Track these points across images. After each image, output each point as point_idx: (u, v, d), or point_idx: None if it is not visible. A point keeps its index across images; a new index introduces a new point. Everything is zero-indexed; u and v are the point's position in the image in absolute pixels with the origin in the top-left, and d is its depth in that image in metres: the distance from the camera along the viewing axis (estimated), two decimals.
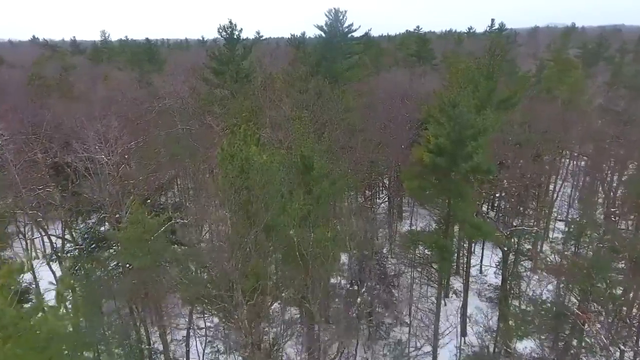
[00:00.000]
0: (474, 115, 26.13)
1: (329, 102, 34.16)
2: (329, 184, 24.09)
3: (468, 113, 25.90)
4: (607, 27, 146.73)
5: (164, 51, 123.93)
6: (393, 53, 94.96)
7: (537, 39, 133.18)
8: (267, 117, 31.15)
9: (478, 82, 32.94)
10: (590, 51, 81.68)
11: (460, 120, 25.90)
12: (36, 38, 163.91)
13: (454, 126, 26.17)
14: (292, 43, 60.14)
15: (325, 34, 41.99)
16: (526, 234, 34.39)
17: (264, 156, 18.21)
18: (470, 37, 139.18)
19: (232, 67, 44.63)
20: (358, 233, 20.10)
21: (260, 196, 18.91)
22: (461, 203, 26.08)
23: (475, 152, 25.12)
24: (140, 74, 73.57)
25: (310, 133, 24.30)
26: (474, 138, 25.88)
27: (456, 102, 25.61)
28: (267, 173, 18.90)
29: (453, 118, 26.10)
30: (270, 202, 19.28)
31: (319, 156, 24.17)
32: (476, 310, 38.42)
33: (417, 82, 58.05)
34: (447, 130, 26.77)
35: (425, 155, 25.59)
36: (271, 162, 19.08)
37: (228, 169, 19.07)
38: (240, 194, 18.99)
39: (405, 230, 51.63)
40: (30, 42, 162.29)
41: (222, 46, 46.29)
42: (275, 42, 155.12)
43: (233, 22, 45.34)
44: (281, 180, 19.92)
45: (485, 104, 31.82)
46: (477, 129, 25.54)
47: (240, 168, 18.70)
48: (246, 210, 19.27)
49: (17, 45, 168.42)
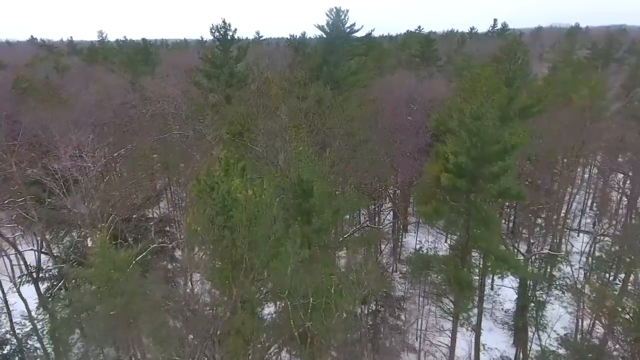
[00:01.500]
0: (499, 128, 22.10)
1: (330, 110, 30.09)
2: (331, 213, 19.99)
3: (494, 127, 21.85)
4: (611, 27, 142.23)
5: (162, 52, 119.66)
6: (396, 54, 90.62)
7: (542, 39, 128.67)
8: (262, 127, 27.02)
9: (498, 89, 28.88)
10: (600, 52, 77.36)
11: (484, 135, 21.83)
12: (34, 38, 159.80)
13: (475, 142, 22.10)
14: (291, 44, 56.05)
15: (326, 35, 37.96)
16: (551, 258, 30.34)
17: (250, 190, 14.12)
18: (472, 38, 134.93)
19: (225, 70, 40.51)
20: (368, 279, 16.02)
21: (246, 239, 14.84)
22: (485, 232, 22.06)
23: (504, 173, 21.09)
24: (133, 76, 69.37)
25: (309, 153, 20.19)
26: (500, 156, 21.84)
27: (479, 114, 21.53)
28: (254, 210, 14.82)
29: (475, 132, 22.04)
30: (259, 246, 15.20)
31: (320, 179, 20.07)
32: (490, 336, 34.58)
33: (423, 85, 53.96)
34: (467, 145, 22.69)
35: (444, 177, 21.55)
36: (260, 195, 14.98)
37: (206, 204, 15.00)
38: (222, 235, 14.95)
39: (411, 246, 47.75)
40: (28, 42, 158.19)
41: (215, 48, 42.19)
42: (275, 42, 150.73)
43: (227, 22, 41.20)
44: (273, 218, 15.81)
45: (506, 114, 27.82)
46: (504, 146, 21.49)
47: (222, 204, 14.61)
48: (229, 256, 15.19)
49: (14, 45, 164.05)
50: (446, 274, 26.19)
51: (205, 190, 15.01)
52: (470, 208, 23.16)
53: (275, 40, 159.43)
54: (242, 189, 13.92)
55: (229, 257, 15.19)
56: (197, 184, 14.85)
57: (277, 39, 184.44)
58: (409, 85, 51.19)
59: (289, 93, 32.93)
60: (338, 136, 27.43)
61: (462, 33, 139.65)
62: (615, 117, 52.34)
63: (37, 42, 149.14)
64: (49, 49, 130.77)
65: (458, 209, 23.38)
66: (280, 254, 15.61)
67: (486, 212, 22.27)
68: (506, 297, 39.06)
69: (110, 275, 19.69)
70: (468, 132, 22.47)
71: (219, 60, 41.33)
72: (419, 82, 54.91)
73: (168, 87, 51.63)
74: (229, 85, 40.18)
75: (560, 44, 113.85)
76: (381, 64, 67.02)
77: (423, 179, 26.40)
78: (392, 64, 75.07)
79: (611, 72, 71.04)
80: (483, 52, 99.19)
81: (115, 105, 52.94)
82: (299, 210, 20.44)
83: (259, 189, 15.00)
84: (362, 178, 34.01)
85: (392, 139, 36.07)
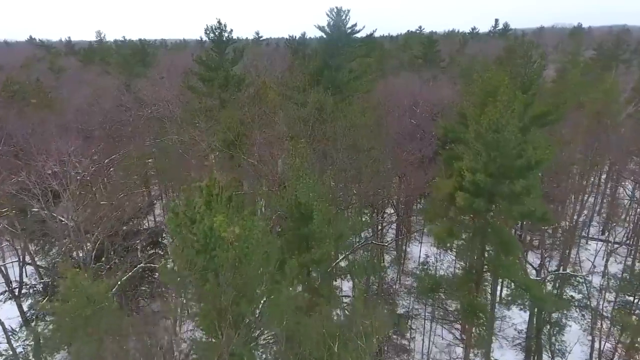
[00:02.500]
0: (522, 142, 19.55)
1: (332, 118, 27.51)
2: (333, 239, 17.40)
3: (516, 140, 19.29)
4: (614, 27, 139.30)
5: (161, 52, 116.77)
6: (397, 55, 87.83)
7: (544, 40, 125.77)
8: (257, 136, 24.42)
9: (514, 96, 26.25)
10: (606, 53, 74.58)
11: (504, 150, 19.25)
12: (33, 38, 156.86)
13: (494, 157, 19.53)
14: (290, 45, 53.33)
15: (326, 35, 35.34)
16: (570, 278, 27.78)
17: (237, 228, 11.53)
18: (474, 38, 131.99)
19: (220, 74, 37.83)
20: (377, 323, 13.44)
21: (233, 282, 12.30)
22: (504, 257, 19.51)
23: (527, 193, 18.55)
24: (129, 78, 66.65)
25: (308, 171, 17.58)
26: (523, 174, 19.27)
27: (499, 125, 18.95)
28: (243, 248, 12.26)
29: (494, 146, 19.46)
30: (249, 290, 12.66)
31: (321, 200, 17.47)
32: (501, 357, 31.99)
33: (427, 87, 51.36)
34: (484, 160, 20.11)
35: (460, 196, 18.98)
36: (250, 229, 12.40)
37: (185, 241, 12.41)
38: (205, 278, 12.39)
39: (415, 255, 45.14)
40: (27, 42, 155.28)
41: (210, 50, 39.50)
42: (275, 42, 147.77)
43: (222, 23, 38.47)
44: (266, 255, 13.24)
45: (523, 124, 25.18)
46: (527, 161, 18.94)
47: (204, 242, 12.01)
48: (214, 303, 12.61)
49: (13, 45, 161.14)
50: (458, 299, 23.68)
51: (184, 224, 12.41)
52: (487, 230, 20.62)
53: (275, 41, 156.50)
54: (227, 227, 11.32)
55: (213, 304, 12.58)
56: (174, 217, 12.24)
57: (277, 39, 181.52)
58: (412, 87, 48.64)
59: (287, 99, 30.31)
60: (340, 148, 24.82)
61: (463, 33, 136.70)
62: (625, 121, 49.87)
63: (35, 42, 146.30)
64: (46, 49, 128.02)
65: (473, 230, 20.85)
66: (275, 299, 13.03)
67: (506, 235, 19.71)
68: (517, 313, 36.53)
69: (81, 310, 17.15)
70: (486, 145, 19.90)
71: (214, 62, 38.66)
72: (423, 83, 52.35)
73: (162, 90, 49.03)
74: (225, 89, 37.52)
75: (564, 45, 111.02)
76: (383, 65, 64.32)
77: (434, 196, 23.76)
78: (394, 65, 72.37)
79: (619, 73, 68.46)
80: (486, 53, 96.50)
81: (108, 108, 50.24)
82: (296, 235, 17.87)
83: (249, 223, 12.40)
84: (366, 189, 31.46)
85: (397, 147, 33.51)
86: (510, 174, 19.51)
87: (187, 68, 43.80)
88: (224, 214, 11.35)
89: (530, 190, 18.51)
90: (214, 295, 12.47)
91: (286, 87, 31.85)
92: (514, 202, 18.71)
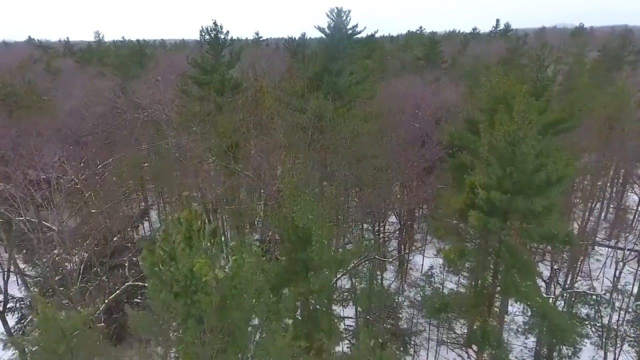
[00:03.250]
0: (542, 156, 17.71)
1: (332, 126, 25.66)
2: (334, 266, 15.55)
3: (535, 156, 17.44)
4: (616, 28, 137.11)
5: (159, 53, 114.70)
6: (399, 56, 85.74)
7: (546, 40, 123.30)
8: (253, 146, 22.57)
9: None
10: (611, 54, 72.56)
11: (522, 165, 17.40)
12: (32, 39, 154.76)
13: (511, 172, 17.68)
14: (290, 47, 51.19)
15: (327, 37, 33.43)
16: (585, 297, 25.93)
17: (220, 272, 9.68)
18: (475, 38, 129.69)
19: (216, 77, 35.95)
20: None
21: (217, 330, 10.45)
22: (521, 283, 17.67)
23: (548, 213, 16.72)
24: (125, 79, 64.70)
25: (306, 188, 15.74)
26: (543, 191, 17.42)
27: (516, 138, 17.10)
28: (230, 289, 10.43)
29: (510, 160, 17.62)
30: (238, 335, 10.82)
31: (320, 222, 15.63)
32: None
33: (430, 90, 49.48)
34: (498, 174, 18.26)
35: (473, 215, 17.14)
36: (239, 266, 10.55)
37: (163, 283, 10.55)
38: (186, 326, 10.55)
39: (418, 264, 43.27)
40: (26, 43, 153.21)
41: (206, 52, 37.59)
42: (275, 42, 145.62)
43: (218, 24, 36.58)
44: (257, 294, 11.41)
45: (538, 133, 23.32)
46: (547, 178, 17.09)
47: (184, 284, 10.16)
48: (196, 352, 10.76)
49: (12, 46, 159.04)
50: (468, 321, 21.89)
51: (162, 261, 10.55)
52: (501, 250, 18.79)
53: (275, 41, 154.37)
54: (209, 270, 9.47)
55: (196, 354, 10.72)
56: (149, 254, 10.40)
57: (277, 39, 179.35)
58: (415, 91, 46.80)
59: (285, 105, 28.41)
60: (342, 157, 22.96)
61: (464, 33, 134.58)
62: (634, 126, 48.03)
63: (35, 42, 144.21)
64: (44, 50, 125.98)
65: (486, 250, 19.02)
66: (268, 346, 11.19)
67: (523, 257, 17.88)
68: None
69: (54, 345, 15.33)
70: (500, 159, 18.04)
71: (210, 65, 36.77)
72: (426, 86, 50.47)
73: (157, 94, 47.15)
74: (221, 93, 35.64)
75: (567, 45, 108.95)
76: (384, 67, 62.37)
77: (444, 211, 21.89)
78: (395, 66, 70.43)
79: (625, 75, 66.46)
80: (488, 54, 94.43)
81: (102, 112, 48.37)
82: (294, 260, 16.03)
83: (238, 259, 10.55)
84: (368, 199, 29.67)
85: (400, 154, 31.64)
86: (528, 191, 17.66)
87: (183, 70, 41.89)
88: (204, 259, 9.50)
89: (552, 209, 16.67)
90: (197, 345, 10.60)
91: (284, 93, 29.93)
92: (534, 223, 16.85)
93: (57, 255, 29.00)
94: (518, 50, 71.64)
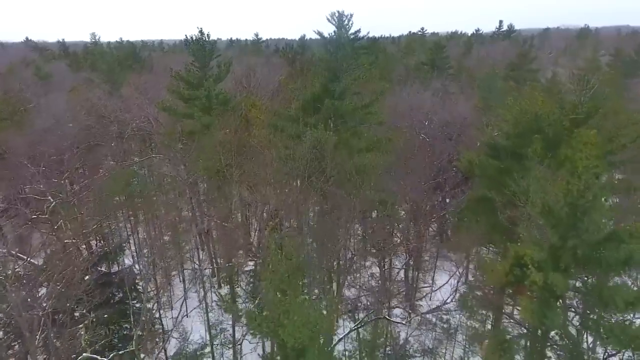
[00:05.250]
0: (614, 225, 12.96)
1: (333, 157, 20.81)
2: None
3: (605, 224, 12.66)
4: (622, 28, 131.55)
5: (156, 55, 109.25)
6: (401, 59, 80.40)
7: (551, 41, 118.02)
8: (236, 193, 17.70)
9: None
10: (626, 59, 67.29)
11: (590, 237, 12.61)
12: (30, 40, 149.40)
13: (574, 247, 12.88)
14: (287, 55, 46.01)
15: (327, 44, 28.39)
16: None
17: None
18: (477, 40, 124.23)
19: (202, 92, 30.98)
20: None
21: None
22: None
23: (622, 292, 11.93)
24: (113, 87, 59.67)
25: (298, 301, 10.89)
26: (616, 270, 12.66)
27: (585, 206, 12.27)
28: None
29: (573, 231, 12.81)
30: None
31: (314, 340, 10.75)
32: None
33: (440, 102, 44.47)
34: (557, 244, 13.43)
35: (525, 308, 12.29)
36: None
37: None
38: None
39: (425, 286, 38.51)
40: (23, 44, 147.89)
41: (191, 64, 32.60)
42: (275, 43, 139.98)
43: (205, 32, 31.55)
44: None
45: None
46: (624, 256, 12.32)
47: None
48: None
49: (8, 47, 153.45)
50: None
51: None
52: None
53: (275, 42, 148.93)
54: None
55: None
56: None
57: (276, 39, 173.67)
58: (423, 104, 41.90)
59: (280, 131, 23.47)
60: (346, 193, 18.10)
61: (466, 35, 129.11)
62: None
63: (32, 43, 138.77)
64: (40, 51, 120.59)
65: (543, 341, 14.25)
66: None
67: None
68: None
69: None
70: (558, 227, 13.19)
71: (195, 79, 31.82)
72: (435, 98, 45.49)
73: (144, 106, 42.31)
74: (207, 111, 30.69)
75: (572, 47, 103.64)
76: (388, 74, 57.22)
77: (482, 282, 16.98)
78: (400, 72, 65.28)
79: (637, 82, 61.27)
80: (494, 57, 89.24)
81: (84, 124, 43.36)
82: None
83: None
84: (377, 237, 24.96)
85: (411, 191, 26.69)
86: (596, 269, 12.89)
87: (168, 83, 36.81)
88: None
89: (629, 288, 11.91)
90: None
91: (277, 117, 24.96)
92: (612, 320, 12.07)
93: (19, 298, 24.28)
94: (528, 55, 66.55)
